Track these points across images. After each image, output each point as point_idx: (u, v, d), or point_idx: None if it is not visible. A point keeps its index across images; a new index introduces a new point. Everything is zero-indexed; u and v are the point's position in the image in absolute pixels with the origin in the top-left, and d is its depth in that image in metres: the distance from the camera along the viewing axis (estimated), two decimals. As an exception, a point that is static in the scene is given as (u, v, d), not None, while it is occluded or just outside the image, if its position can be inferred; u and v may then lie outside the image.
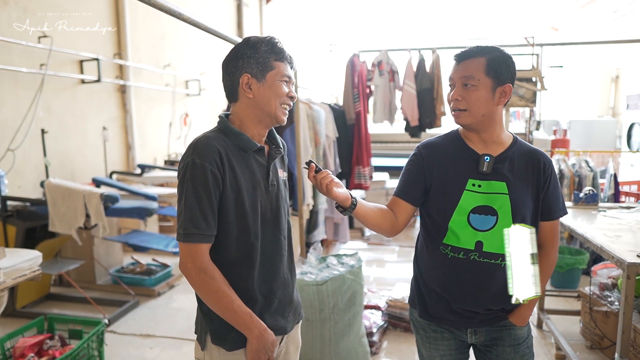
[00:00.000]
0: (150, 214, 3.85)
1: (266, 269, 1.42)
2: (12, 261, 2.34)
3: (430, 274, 1.58)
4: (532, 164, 1.49)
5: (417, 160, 1.58)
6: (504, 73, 1.43)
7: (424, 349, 1.66)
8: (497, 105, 1.45)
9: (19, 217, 3.65)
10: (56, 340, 2.79)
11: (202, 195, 1.28)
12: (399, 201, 1.59)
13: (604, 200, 4.29)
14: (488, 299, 1.50)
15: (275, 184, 1.46)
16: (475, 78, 1.42)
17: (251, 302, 1.38)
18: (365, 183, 5.02)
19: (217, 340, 1.38)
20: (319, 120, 3.89)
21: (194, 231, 1.28)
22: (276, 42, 1.38)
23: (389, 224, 1.57)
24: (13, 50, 3.93)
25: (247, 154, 1.38)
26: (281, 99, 1.38)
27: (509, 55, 1.46)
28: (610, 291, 2.96)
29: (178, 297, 4.18)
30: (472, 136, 1.52)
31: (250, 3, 8.74)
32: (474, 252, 1.47)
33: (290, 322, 1.51)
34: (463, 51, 1.47)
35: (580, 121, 8.01)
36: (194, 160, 1.28)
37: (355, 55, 5.00)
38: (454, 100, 1.47)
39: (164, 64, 6.22)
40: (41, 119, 4.24)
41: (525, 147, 1.52)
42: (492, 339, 1.57)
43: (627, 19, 7.92)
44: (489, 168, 1.46)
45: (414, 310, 1.67)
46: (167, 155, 6.35)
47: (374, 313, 3.33)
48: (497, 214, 1.45)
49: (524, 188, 1.47)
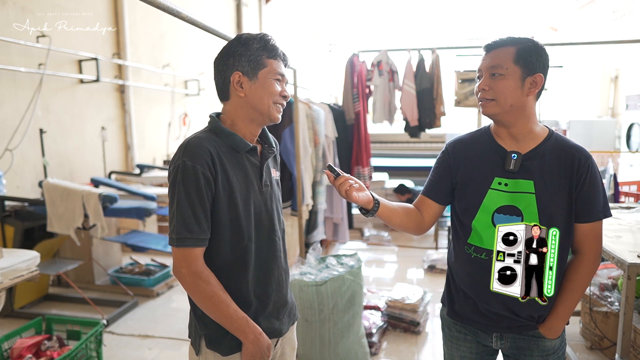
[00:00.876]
0: (149, 214, 3.84)
1: (261, 272, 1.40)
2: (10, 261, 2.34)
3: (458, 273, 1.54)
4: (565, 160, 1.39)
5: (445, 157, 1.55)
6: (534, 62, 1.36)
7: (446, 347, 1.65)
8: (528, 95, 1.38)
9: (17, 217, 3.64)
10: (54, 341, 2.77)
11: (194, 199, 1.25)
12: (426, 200, 1.56)
13: (604, 200, 4.28)
14: (513, 302, 1.43)
15: (268, 184, 1.44)
16: (503, 67, 1.36)
17: (246, 305, 1.36)
18: (365, 183, 5.02)
19: (212, 345, 1.36)
20: (319, 120, 3.88)
21: (187, 235, 1.26)
22: (269, 39, 1.35)
23: (414, 223, 1.54)
24: (11, 50, 3.92)
25: (239, 154, 1.36)
26: (274, 98, 1.35)
27: (542, 47, 1.39)
28: (611, 292, 2.95)
29: (177, 297, 4.17)
30: (501, 132, 1.45)
31: (250, 3, 8.73)
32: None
33: (285, 324, 1.50)
34: (493, 41, 1.41)
35: (579, 121, 8.00)
36: (184, 162, 1.25)
37: (355, 55, 5.00)
38: (482, 90, 1.41)
39: (163, 64, 6.21)
40: (40, 118, 4.22)
41: (561, 143, 1.42)
42: (518, 348, 1.50)
43: (627, 19, 7.91)
44: (516, 166, 1.40)
45: (444, 308, 1.65)
46: (166, 155, 6.34)
47: (373, 313, 3.32)
48: (522, 215, 1.39)
49: (554, 187, 1.38)
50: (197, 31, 2.16)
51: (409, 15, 11.49)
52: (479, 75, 1.44)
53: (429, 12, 11.33)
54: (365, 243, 5.82)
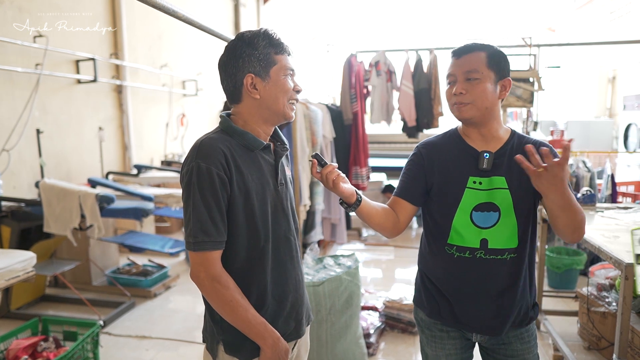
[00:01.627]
0: (146, 215, 3.83)
1: (278, 273, 1.38)
2: (6, 262, 2.33)
3: (436, 275, 1.56)
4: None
5: (417, 159, 1.58)
6: (503, 67, 1.45)
7: (429, 348, 1.64)
8: (499, 98, 1.47)
9: (13, 217, 3.62)
10: (50, 342, 2.76)
11: (210, 201, 1.22)
12: (400, 201, 1.58)
13: (602, 200, 4.29)
14: (495, 298, 1.48)
15: (283, 183, 1.41)
16: (479, 71, 1.42)
17: (264, 308, 1.34)
18: (363, 183, 5.02)
19: (231, 350, 1.33)
20: (316, 121, 3.88)
21: (205, 239, 1.22)
22: (272, 33, 1.32)
23: (391, 223, 1.55)
24: (8, 50, 3.91)
25: (253, 153, 1.32)
26: (288, 95, 1.33)
27: (504, 52, 1.49)
28: (608, 292, 2.95)
29: (174, 298, 4.16)
30: (471, 133, 1.52)
31: (248, 3, 8.73)
32: (479, 250, 1.46)
33: (303, 325, 1.47)
34: (462, 46, 1.47)
35: (577, 122, 8.02)
36: (199, 164, 1.22)
37: (353, 56, 5.00)
38: (458, 95, 1.44)
39: (160, 64, 6.20)
40: (37, 119, 4.21)
41: (524, 140, 1.51)
42: (498, 342, 1.56)
43: (624, 20, 7.93)
44: (489, 165, 1.46)
45: (420, 310, 1.65)
46: (164, 156, 6.32)
47: (371, 314, 3.31)
48: (499, 210, 1.45)
49: (523, 180, 1.43)
50: (195, 31, 2.16)
51: (406, 15, 11.51)
52: (450, 80, 1.49)
53: (426, 13, 11.34)
54: (363, 243, 5.82)
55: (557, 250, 4.23)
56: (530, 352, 1.55)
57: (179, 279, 4.51)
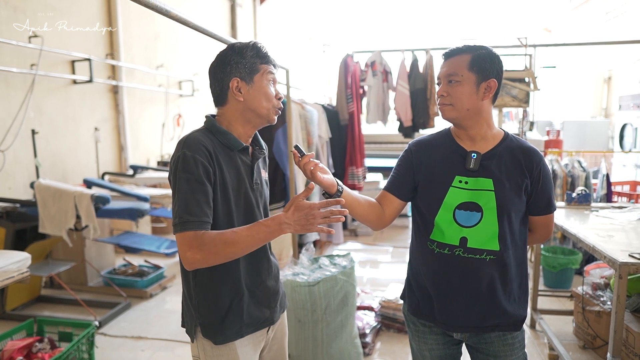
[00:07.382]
0: (141, 215, 3.82)
1: (251, 264, 1.46)
2: (0, 263, 2.32)
3: (420, 270, 1.60)
4: (519, 160, 1.49)
5: (407, 156, 1.63)
6: (488, 68, 1.45)
7: (414, 342, 1.69)
8: (482, 100, 1.47)
9: (8, 218, 3.61)
10: (45, 343, 2.75)
11: (194, 185, 1.29)
12: (388, 195, 1.63)
13: (597, 200, 4.31)
14: (473, 298, 1.50)
15: (259, 183, 1.50)
16: (459, 74, 1.45)
17: (238, 295, 1.42)
18: (359, 184, 5.02)
19: (209, 334, 1.41)
20: (312, 121, 3.88)
21: (190, 219, 1.26)
22: (260, 46, 1.42)
23: (375, 216, 1.59)
24: (3, 50, 3.89)
25: (232, 153, 1.41)
26: (272, 102, 1.42)
27: (496, 54, 1.49)
28: (603, 291, 2.96)
29: (170, 298, 4.15)
30: (461, 133, 1.54)
31: (244, 4, 8.72)
32: (458, 247, 1.49)
33: (276, 312, 1.56)
34: (450, 49, 1.51)
35: (573, 122, 8.06)
36: (184, 153, 1.30)
37: (349, 56, 5.00)
38: (440, 96, 1.50)
39: (156, 65, 6.19)
40: (32, 119, 4.20)
41: (515, 144, 1.52)
42: (478, 337, 1.56)
43: (620, 21, 7.96)
44: (475, 165, 1.49)
45: (404, 305, 1.71)
46: (160, 156, 6.31)
47: (367, 314, 3.32)
48: (482, 211, 1.47)
49: (511, 185, 1.47)
50: (191, 32, 2.17)
51: (403, 16, 11.52)
52: (438, 82, 1.54)
53: (422, 13, 11.36)
54: (360, 243, 5.81)
55: (553, 249, 4.24)
56: (514, 355, 1.55)
57: (175, 279, 4.50)
